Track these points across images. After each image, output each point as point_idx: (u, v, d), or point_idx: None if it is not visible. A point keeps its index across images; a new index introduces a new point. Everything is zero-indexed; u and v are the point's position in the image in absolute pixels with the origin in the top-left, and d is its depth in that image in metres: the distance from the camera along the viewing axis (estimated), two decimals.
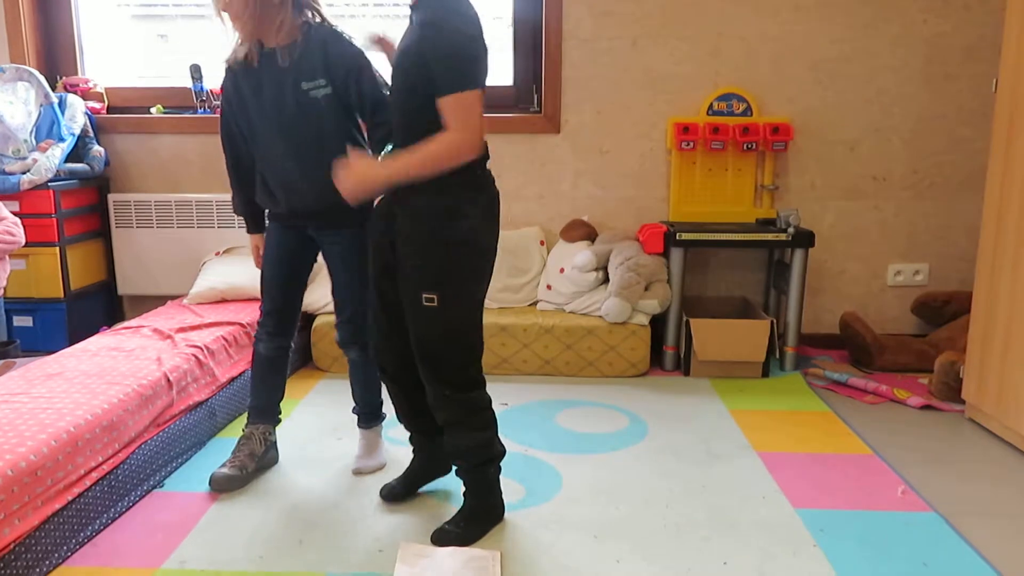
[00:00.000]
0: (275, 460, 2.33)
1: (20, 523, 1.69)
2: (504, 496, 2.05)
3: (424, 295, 1.79)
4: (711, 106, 3.37)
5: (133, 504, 2.10)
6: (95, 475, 1.95)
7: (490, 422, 1.94)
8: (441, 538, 1.90)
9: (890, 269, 3.49)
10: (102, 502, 1.98)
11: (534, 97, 3.51)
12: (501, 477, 2.01)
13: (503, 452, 1.98)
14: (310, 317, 3.27)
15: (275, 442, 2.34)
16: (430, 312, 1.80)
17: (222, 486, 2.15)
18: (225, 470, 2.17)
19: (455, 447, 1.93)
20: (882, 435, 2.56)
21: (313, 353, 3.22)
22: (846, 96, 3.36)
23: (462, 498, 2.00)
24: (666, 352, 3.25)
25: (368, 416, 2.34)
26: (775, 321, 3.15)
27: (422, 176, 1.72)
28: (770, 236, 3.16)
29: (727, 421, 2.68)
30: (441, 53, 1.67)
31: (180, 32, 3.81)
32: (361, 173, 1.76)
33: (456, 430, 1.91)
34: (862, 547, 1.89)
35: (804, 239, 3.13)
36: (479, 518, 1.97)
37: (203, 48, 3.60)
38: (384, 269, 1.92)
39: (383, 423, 2.38)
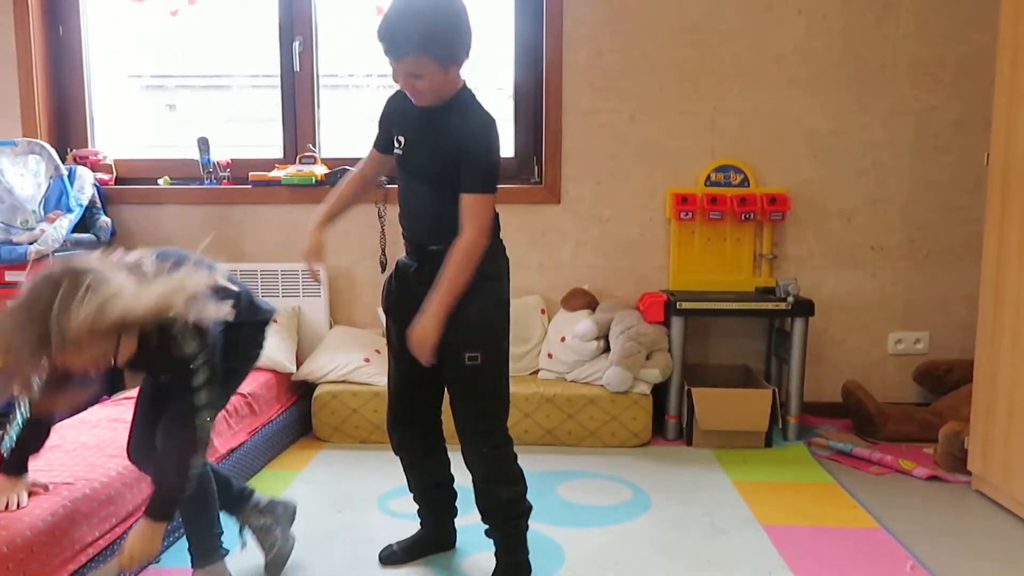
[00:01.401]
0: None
1: None
2: None
3: (467, 354, 1.90)
4: (709, 177, 3.43)
5: None
6: (91, 551, 1.92)
7: (521, 476, 2.02)
8: None
9: (890, 338, 3.50)
10: None
11: (535, 168, 3.58)
12: None
13: (531, 508, 2.03)
14: (311, 386, 3.27)
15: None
16: (473, 370, 1.90)
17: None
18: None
19: (491, 503, 1.99)
20: (888, 508, 2.53)
21: (313, 423, 3.21)
22: (841, 167, 3.43)
23: (494, 559, 2.03)
24: (668, 421, 3.23)
25: None
26: (777, 390, 3.14)
27: (462, 286, 1.86)
28: (770, 305, 3.18)
29: (731, 493, 2.65)
30: (475, 159, 1.85)
31: (188, 102, 3.92)
32: (423, 333, 1.85)
33: (492, 486, 1.98)
34: None
35: (804, 308, 3.15)
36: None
37: (209, 117, 3.69)
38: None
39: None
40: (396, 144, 1.97)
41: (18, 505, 1.80)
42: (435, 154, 1.88)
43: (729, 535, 2.34)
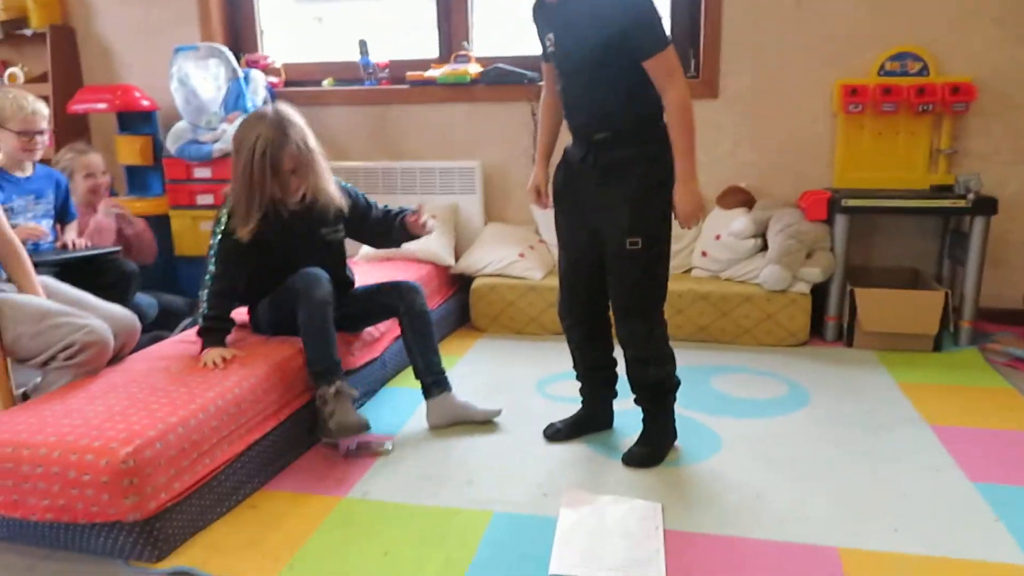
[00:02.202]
0: None
1: (229, 448, 1.90)
2: (665, 457, 2.14)
3: (629, 240, 1.96)
4: (882, 66, 3.20)
5: (319, 440, 2.28)
6: (287, 411, 2.14)
7: (671, 357, 2.12)
8: (631, 459, 2.11)
9: None
10: (293, 436, 2.17)
11: (691, 61, 3.46)
12: None
13: (679, 383, 2.15)
14: (468, 279, 3.40)
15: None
16: (634, 254, 1.96)
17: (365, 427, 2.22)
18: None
19: (641, 380, 2.11)
20: None
21: (471, 314, 3.35)
22: None
23: (641, 424, 2.17)
24: (827, 322, 3.14)
25: None
26: (949, 293, 2.97)
27: (693, 141, 1.92)
28: (947, 203, 2.98)
29: (895, 393, 2.58)
30: (637, 21, 1.86)
31: (334, 15, 4.04)
32: (686, 200, 1.93)
33: (644, 365, 2.09)
34: None
35: (986, 206, 2.93)
36: (661, 440, 2.16)
37: (356, 30, 3.78)
38: (583, 226, 2.06)
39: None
40: (547, 43, 2.02)
41: (224, 364, 2.07)
42: (592, 41, 1.90)
43: (892, 432, 2.29)
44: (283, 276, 2.31)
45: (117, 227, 3.15)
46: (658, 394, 2.13)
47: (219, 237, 2.25)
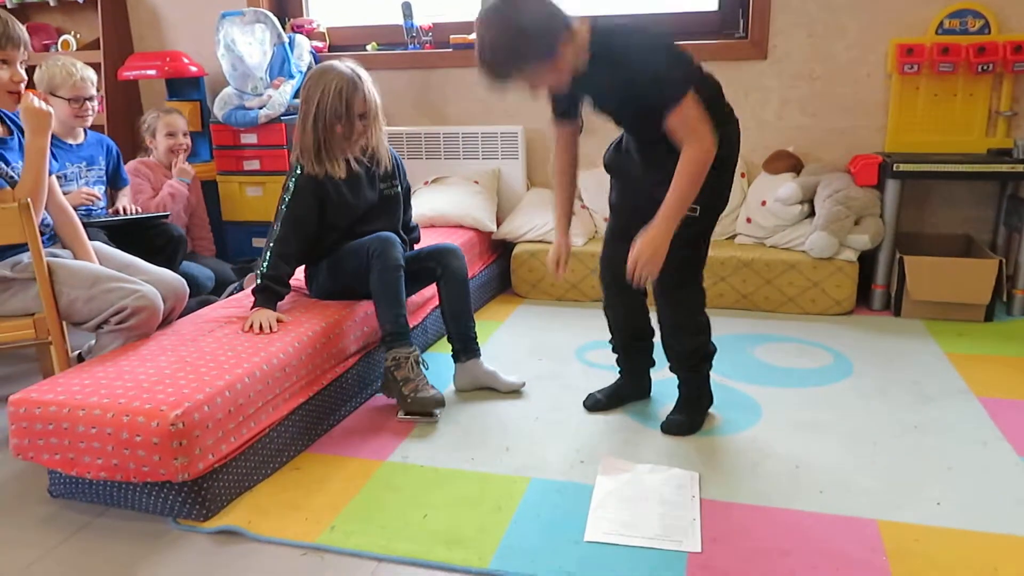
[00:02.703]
0: None
1: (273, 411, 1.95)
2: (703, 423, 2.13)
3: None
4: (941, 24, 3.07)
5: (360, 405, 2.33)
6: (330, 376, 2.19)
7: (707, 326, 2.11)
8: (670, 427, 2.12)
9: None
10: (336, 400, 2.22)
11: (740, 22, 3.37)
12: None
13: (715, 350, 2.14)
14: (510, 245, 3.41)
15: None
16: (688, 222, 1.86)
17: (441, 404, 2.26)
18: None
19: (676, 348, 2.12)
20: None
21: (512, 280, 3.36)
22: None
23: (677, 391, 2.18)
24: (874, 291, 3.08)
25: None
26: (1004, 261, 2.88)
27: (691, 199, 1.82)
28: (1004, 167, 2.87)
29: (943, 364, 2.52)
30: (645, 78, 1.76)
31: None
32: (652, 245, 1.82)
33: (679, 332, 2.09)
34: None
35: None
36: (697, 406, 2.17)
37: None
38: (636, 191, 2.03)
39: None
40: (588, 102, 2.00)
41: (270, 329, 2.10)
42: (631, 102, 1.87)
43: (939, 403, 2.24)
44: (343, 234, 2.37)
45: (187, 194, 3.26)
46: (694, 362, 2.12)
47: (289, 194, 2.30)
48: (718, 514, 1.74)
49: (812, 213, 3.07)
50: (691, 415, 2.14)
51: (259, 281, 2.26)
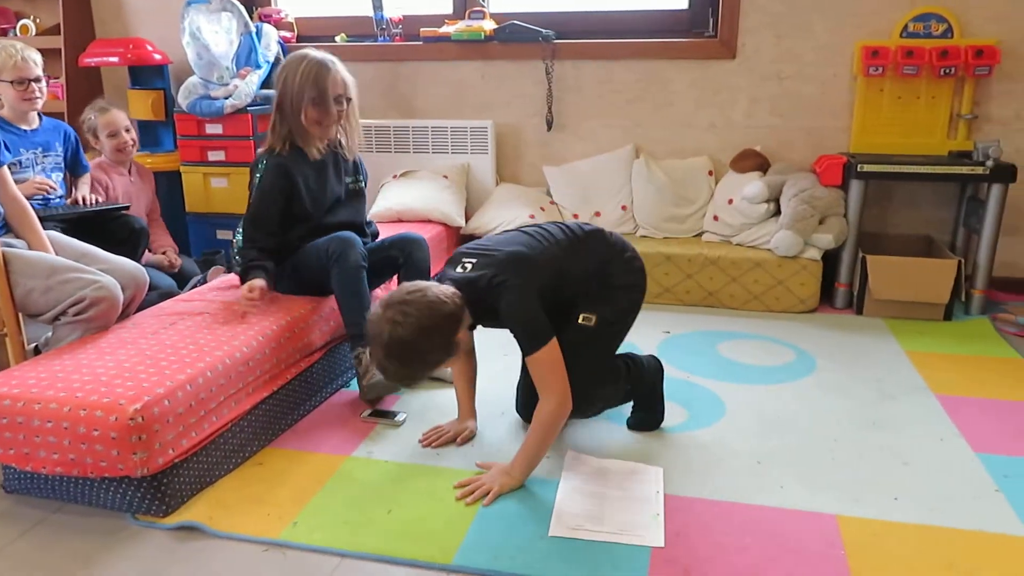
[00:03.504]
0: None
1: (236, 406, 1.92)
2: (666, 418, 2.15)
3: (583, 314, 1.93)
4: (906, 27, 3.12)
5: (325, 399, 2.31)
6: (294, 370, 2.16)
7: (618, 370, 2.05)
8: (634, 424, 2.13)
9: None
10: (301, 395, 2.20)
11: (710, 21, 3.39)
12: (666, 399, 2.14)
13: (646, 379, 2.10)
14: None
15: None
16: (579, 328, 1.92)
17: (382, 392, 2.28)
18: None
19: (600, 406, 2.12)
20: None
21: None
22: None
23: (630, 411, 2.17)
24: (838, 289, 3.12)
25: None
26: (963, 261, 2.94)
27: (545, 452, 1.87)
28: (965, 169, 2.93)
29: (903, 362, 2.57)
30: (509, 324, 1.83)
31: None
32: (501, 481, 1.81)
33: (603, 402, 2.09)
34: None
35: (1004, 173, 2.88)
36: (657, 405, 2.15)
37: None
38: None
39: None
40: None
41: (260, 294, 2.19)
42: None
43: (898, 400, 2.29)
44: (308, 229, 2.35)
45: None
46: (636, 398, 2.13)
47: (260, 174, 2.30)
48: (682, 509, 1.75)
49: (778, 212, 3.11)
50: (652, 411, 2.14)
51: (238, 269, 2.27)
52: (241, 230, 2.33)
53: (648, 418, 2.13)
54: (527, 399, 2.07)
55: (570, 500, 1.77)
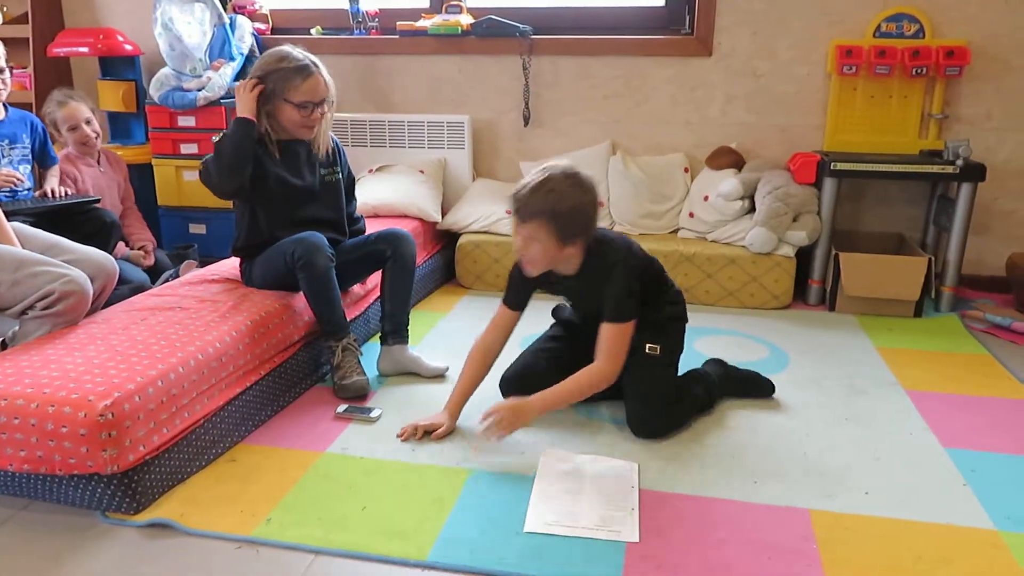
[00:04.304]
0: None
1: (209, 402, 1.90)
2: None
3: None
4: (879, 27, 3.16)
5: (300, 395, 2.29)
6: (268, 366, 2.14)
7: (700, 403, 2.18)
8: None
9: None
10: (274, 390, 2.18)
11: (686, 18, 3.41)
12: None
13: (713, 388, 2.23)
14: (455, 235, 3.39)
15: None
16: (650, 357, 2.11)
17: (364, 391, 2.28)
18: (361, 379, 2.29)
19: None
20: None
21: (457, 270, 3.35)
22: None
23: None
24: (811, 286, 3.16)
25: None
26: (933, 259, 2.98)
27: (571, 402, 2.04)
28: (935, 168, 2.97)
29: (874, 358, 2.60)
30: (616, 294, 1.97)
31: None
32: (518, 410, 1.93)
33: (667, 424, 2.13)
34: (1018, 490, 1.82)
35: (974, 172, 2.92)
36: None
37: None
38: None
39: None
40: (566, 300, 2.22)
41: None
42: (599, 301, 2.01)
43: (869, 396, 2.32)
44: (280, 223, 2.34)
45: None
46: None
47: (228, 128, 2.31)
48: (656, 504, 1.76)
49: (753, 209, 3.13)
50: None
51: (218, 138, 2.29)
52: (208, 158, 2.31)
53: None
54: (521, 375, 2.20)
55: (546, 496, 1.77)
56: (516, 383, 2.18)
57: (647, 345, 2.08)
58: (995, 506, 1.75)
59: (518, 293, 2.11)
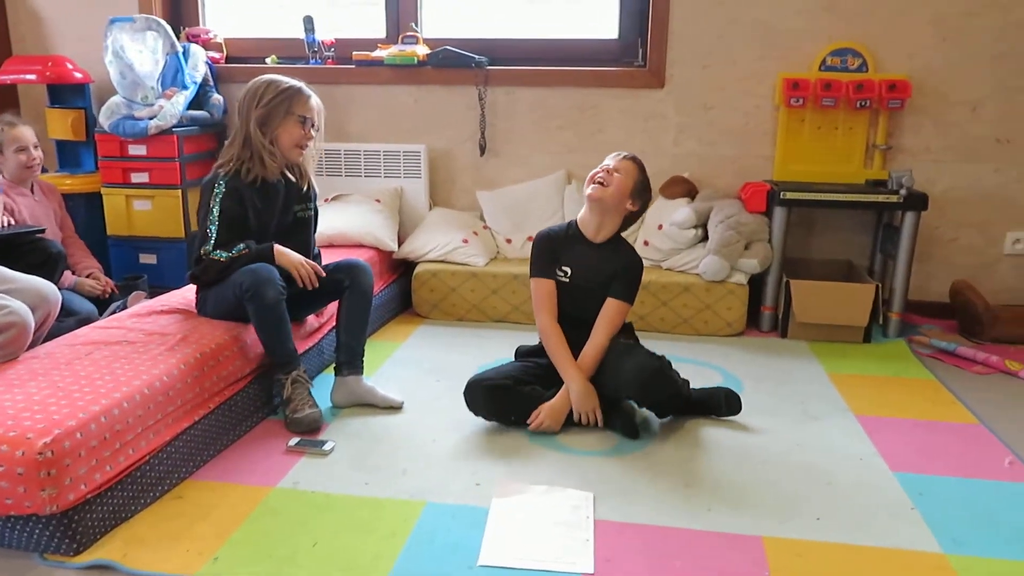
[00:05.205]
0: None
1: (155, 437, 1.85)
2: (595, 444, 2.17)
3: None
4: (824, 61, 3.26)
5: (250, 428, 2.25)
6: (217, 399, 2.10)
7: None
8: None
9: (1008, 237, 3.32)
10: (224, 425, 2.13)
11: (639, 51, 3.47)
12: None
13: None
14: (411, 264, 3.38)
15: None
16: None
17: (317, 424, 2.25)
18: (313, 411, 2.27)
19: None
20: (990, 406, 2.48)
21: (413, 299, 3.33)
22: (971, 53, 3.18)
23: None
24: (763, 313, 3.21)
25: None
26: (880, 286, 3.05)
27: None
28: (880, 197, 3.05)
29: (825, 384, 2.64)
30: (632, 279, 2.33)
31: None
32: (582, 399, 2.24)
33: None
34: (963, 513, 1.85)
35: (917, 201, 3.01)
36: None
37: (302, 5, 3.69)
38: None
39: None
40: (561, 273, 2.34)
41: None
42: (602, 279, 2.30)
43: (821, 421, 2.35)
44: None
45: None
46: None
47: (221, 195, 2.28)
48: (611, 534, 1.75)
49: (706, 237, 3.18)
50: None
51: (219, 260, 2.25)
52: (209, 238, 2.27)
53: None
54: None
55: (500, 528, 1.76)
56: (482, 388, 2.26)
57: (622, 341, 2.32)
58: (942, 529, 1.78)
59: (546, 263, 2.34)
